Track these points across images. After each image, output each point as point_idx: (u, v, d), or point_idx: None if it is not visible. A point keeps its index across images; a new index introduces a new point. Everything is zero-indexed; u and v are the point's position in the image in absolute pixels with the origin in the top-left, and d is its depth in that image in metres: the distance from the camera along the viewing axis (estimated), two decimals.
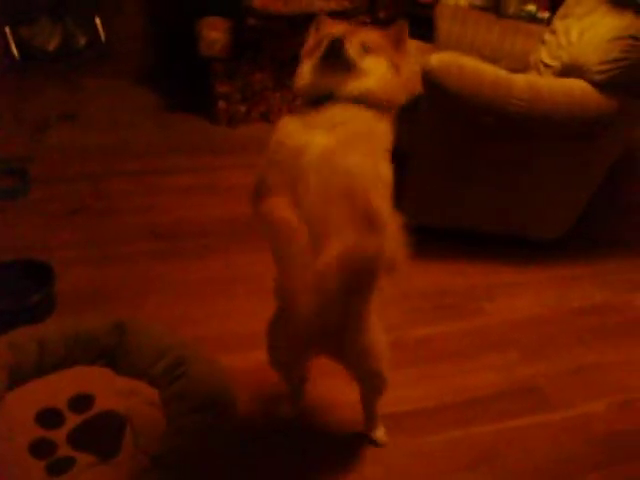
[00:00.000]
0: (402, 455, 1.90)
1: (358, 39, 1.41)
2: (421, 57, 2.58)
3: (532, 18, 4.02)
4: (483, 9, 4.07)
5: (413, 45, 3.32)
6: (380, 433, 1.92)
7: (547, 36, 3.07)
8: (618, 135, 2.61)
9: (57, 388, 1.90)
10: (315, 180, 1.30)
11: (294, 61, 1.54)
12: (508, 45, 3.36)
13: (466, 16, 3.51)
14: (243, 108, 3.78)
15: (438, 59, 2.38)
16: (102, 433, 1.78)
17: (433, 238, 2.79)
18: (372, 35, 1.45)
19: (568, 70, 2.67)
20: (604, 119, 2.47)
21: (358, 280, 1.35)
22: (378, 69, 1.42)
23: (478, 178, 2.64)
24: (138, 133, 3.66)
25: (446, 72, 2.37)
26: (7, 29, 4.22)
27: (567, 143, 2.54)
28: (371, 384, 1.74)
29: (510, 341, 2.37)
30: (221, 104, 3.72)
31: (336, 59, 1.38)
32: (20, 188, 3.05)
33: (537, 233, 2.82)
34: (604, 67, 2.42)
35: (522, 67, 3.15)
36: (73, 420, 1.80)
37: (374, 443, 1.91)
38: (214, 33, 3.58)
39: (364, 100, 1.40)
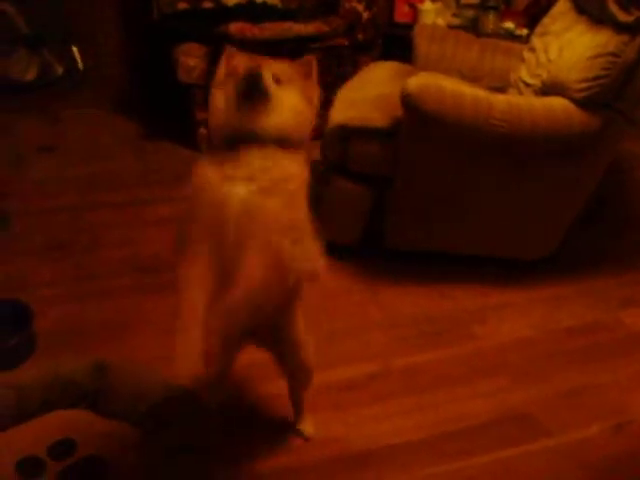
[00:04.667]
0: None
1: (271, 71, 1.38)
2: (400, 80, 2.57)
3: (510, 35, 4.04)
4: (462, 28, 4.09)
5: (386, 68, 3.32)
6: (307, 426, 1.97)
7: (526, 54, 3.07)
8: (604, 151, 2.60)
9: (37, 435, 1.84)
10: (234, 230, 1.34)
11: None
12: (488, 63, 3.34)
13: (445, 35, 3.50)
14: None
15: (416, 82, 2.36)
16: (87, 473, 1.73)
17: (417, 262, 2.79)
18: (283, 67, 1.42)
19: (548, 88, 2.66)
20: (588, 136, 2.45)
21: (265, 306, 1.43)
22: (293, 102, 1.40)
23: (461, 200, 2.62)
24: (118, 163, 3.62)
25: (425, 95, 2.34)
26: None
27: (552, 162, 2.52)
28: (299, 377, 1.84)
29: (500, 366, 2.33)
30: (201, 131, 3.68)
31: (254, 93, 1.35)
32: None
33: (524, 254, 2.79)
34: (585, 85, 2.41)
35: (503, 85, 3.14)
36: (54, 468, 1.75)
37: (301, 435, 1.97)
38: (191, 60, 3.55)
39: (281, 140, 1.39)
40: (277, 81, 1.38)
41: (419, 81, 2.37)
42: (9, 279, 2.62)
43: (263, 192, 1.34)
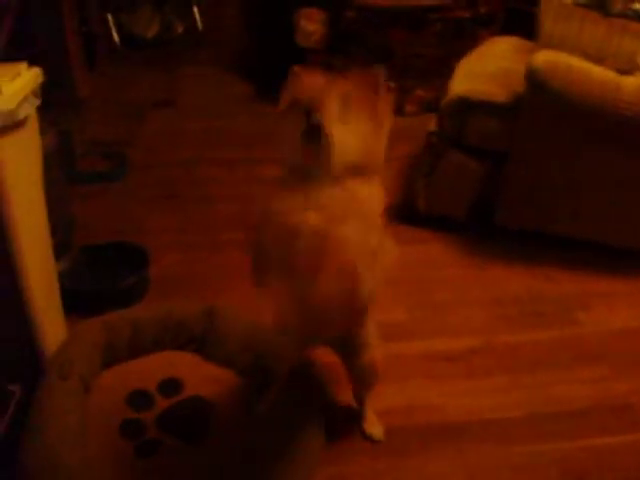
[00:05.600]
0: (487, 464, 1.85)
1: (335, 101, 1.33)
2: (521, 56, 2.52)
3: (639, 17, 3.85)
4: (588, 7, 3.93)
5: (506, 43, 3.24)
6: (374, 428, 1.89)
7: None
8: None
9: (148, 371, 1.95)
10: (307, 259, 1.34)
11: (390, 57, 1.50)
12: (614, 45, 3.21)
13: (571, 13, 3.38)
14: None
15: (544, 58, 2.31)
16: (189, 418, 1.82)
17: (525, 242, 2.75)
18: (348, 92, 1.35)
19: None
20: None
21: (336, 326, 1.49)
22: (359, 135, 1.36)
23: (576, 182, 2.55)
24: (231, 121, 3.71)
25: (552, 72, 2.29)
26: (109, 16, 4.36)
27: None
28: (363, 379, 1.80)
29: (602, 354, 2.27)
30: None
31: (316, 139, 1.31)
32: (117, 172, 3.14)
33: (636, 243, 2.69)
34: None
35: (628, 68, 3.00)
36: (162, 403, 1.85)
37: (369, 438, 1.88)
38: (311, 24, 3.58)
39: (349, 172, 1.36)
40: (342, 113, 1.33)
41: (547, 57, 2.32)
42: (125, 225, 2.75)
43: (334, 219, 1.33)
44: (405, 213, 2.93)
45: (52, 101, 1.95)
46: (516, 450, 1.88)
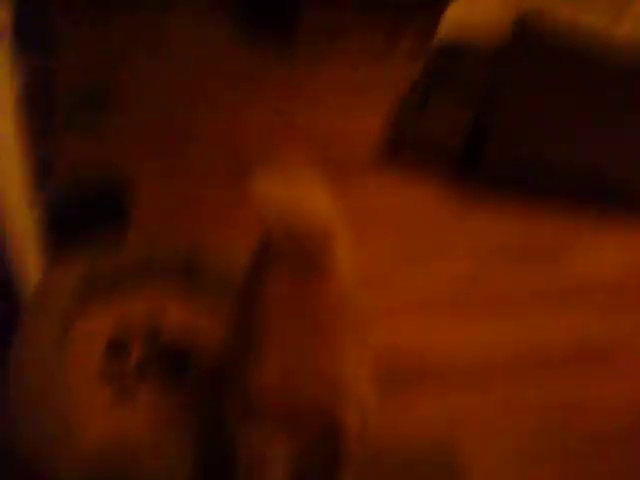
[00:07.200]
0: (468, 408, 1.86)
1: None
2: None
3: None
4: None
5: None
6: None
7: None
8: None
9: (130, 308, 1.91)
10: None
11: None
12: None
13: None
14: None
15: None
16: (171, 358, 1.80)
17: (516, 183, 2.71)
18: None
19: None
20: None
21: None
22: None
23: (571, 121, 2.51)
24: (217, 62, 3.60)
25: (538, 22, 2.26)
26: None
27: None
28: None
29: (587, 300, 2.27)
30: None
31: None
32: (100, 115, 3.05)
33: (628, 185, 2.66)
34: None
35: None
36: (142, 345, 1.82)
37: None
38: None
39: None
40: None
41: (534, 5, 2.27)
42: (109, 160, 2.68)
43: None
44: (394, 150, 2.89)
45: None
46: (496, 396, 1.90)
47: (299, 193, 1.10)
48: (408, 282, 2.28)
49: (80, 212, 2.34)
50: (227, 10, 4.22)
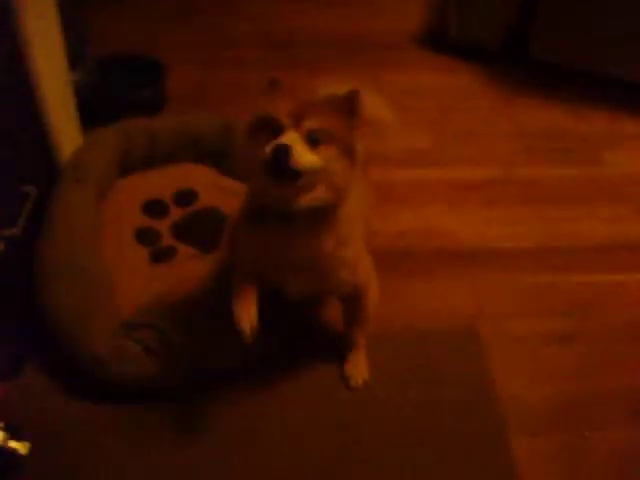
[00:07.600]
0: (494, 288, 1.86)
1: (305, 129, 1.16)
2: None
3: None
4: None
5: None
6: (355, 371, 1.63)
7: None
8: None
9: (164, 181, 1.94)
10: None
11: None
12: None
13: None
14: None
15: None
16: (203, 227, 1.83)
17: (557, 79, 2.65)
18: (321, 117, 1.18)
19: None
20: None
21: None
22: (329, 167, 1.17)
23: (616, 14, 2.40)
24: None
25: None
26: None
27: None
28: (359, 319, 1.59)
29: (625, 195, 2.24)
30: None
31: (283, 168, 1.13)
32: None
33: None
34: None
35: None
36: (177, 212, 1.85)
37: (346, 381, 1.60)
38: None
39: (316, 211, 1.22)
40: (315, 140, 1.16)
41: None
42: (142, 39, 2.65)
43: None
44: (435, 39, 2.81)
45: None
46: (524, 279, 1.90)
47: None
48: (446, 159, 2.28)
49: (112, 88, 2.33)
50: None
